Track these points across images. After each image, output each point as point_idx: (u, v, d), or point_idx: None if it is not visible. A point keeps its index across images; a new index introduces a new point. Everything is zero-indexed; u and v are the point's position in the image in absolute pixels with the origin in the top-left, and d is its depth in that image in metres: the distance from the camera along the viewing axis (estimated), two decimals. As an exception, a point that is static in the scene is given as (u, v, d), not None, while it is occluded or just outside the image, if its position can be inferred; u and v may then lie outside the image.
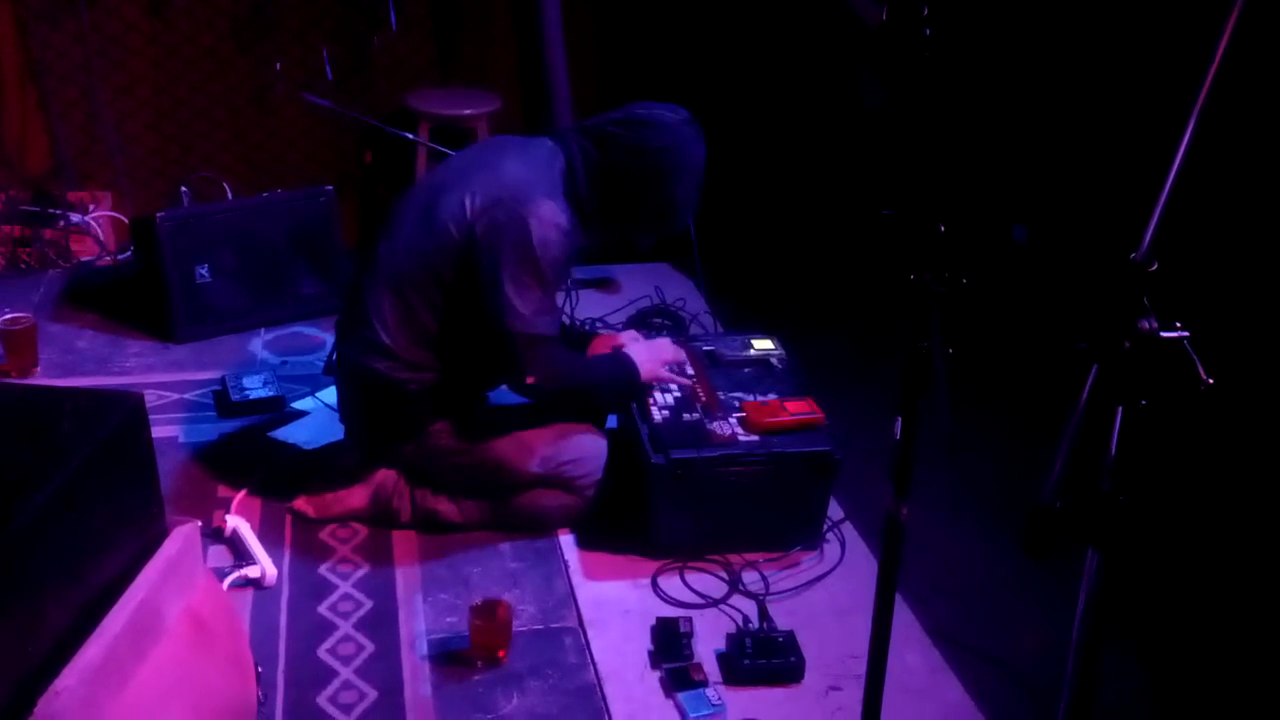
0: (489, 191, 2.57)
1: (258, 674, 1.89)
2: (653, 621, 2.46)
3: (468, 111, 4.22)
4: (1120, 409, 1.33)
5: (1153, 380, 1.31)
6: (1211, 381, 1.28)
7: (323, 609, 2.51)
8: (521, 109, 4.52)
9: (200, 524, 1.90)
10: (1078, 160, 3.50)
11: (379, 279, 2.65)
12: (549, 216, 2.54)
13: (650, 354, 2.81)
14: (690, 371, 2.89)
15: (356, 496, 2.77)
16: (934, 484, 2.05)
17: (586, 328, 3.44)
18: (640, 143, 2.59)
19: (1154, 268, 1.33)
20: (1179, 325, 1.31)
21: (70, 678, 1.51)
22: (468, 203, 2.57)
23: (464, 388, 2.74)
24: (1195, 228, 1.99)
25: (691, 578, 2.64)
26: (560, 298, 2.86)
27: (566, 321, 3.11)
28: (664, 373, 2.80)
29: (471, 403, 2.80)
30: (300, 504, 2.79)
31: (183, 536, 1.79)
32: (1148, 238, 1.34)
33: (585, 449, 2.74)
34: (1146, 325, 1.31)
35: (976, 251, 1.53)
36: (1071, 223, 3.45)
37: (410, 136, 3.78)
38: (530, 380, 2.61)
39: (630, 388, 2.76)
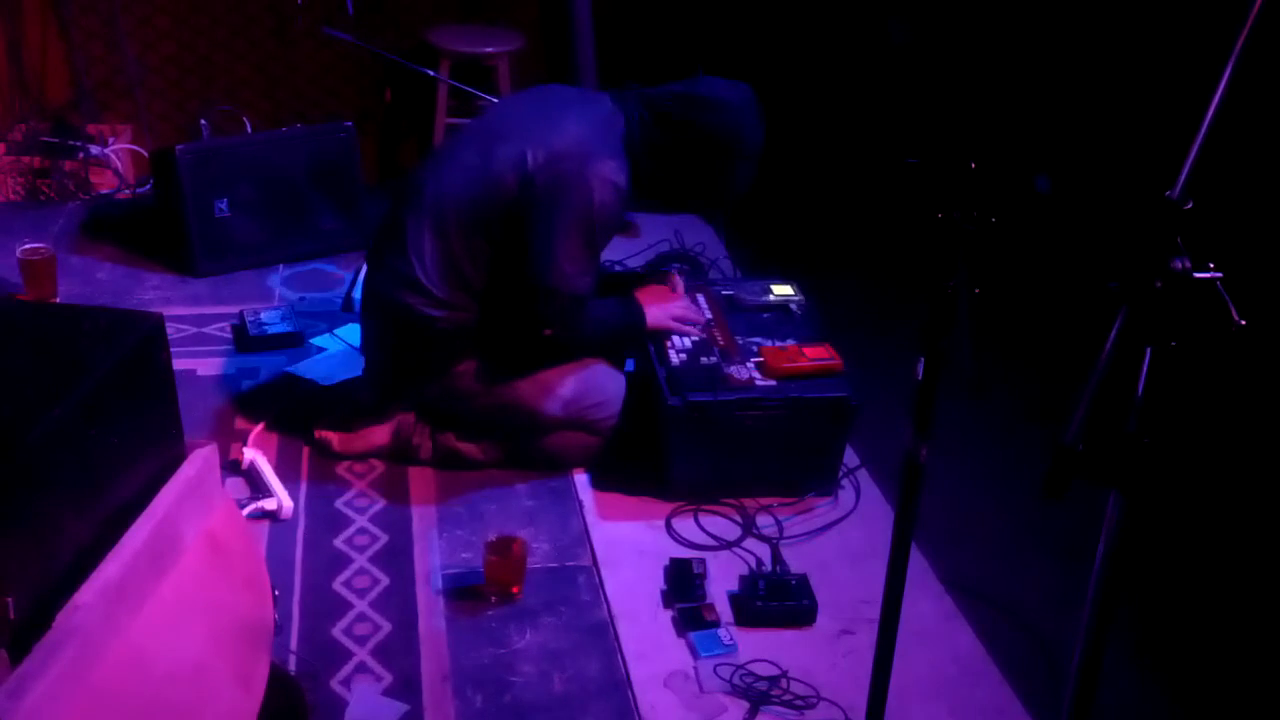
0: (553, 145, 2.55)
1: (275, 597, 1.90)
2: (666, 562, 2.47)
3: (489, 49, 4.17)
4: (1149, 350, 1.31)
5: (1184, 321, 1.29)
6: (1244, 323, 1.26)
7: (338, 542, 2.53)
8: (544, 48, 4.47)
9: (217, 448, 1.90)
10: (1102, 103, 3.44)
11: (423, 216, 2.62)
12: (610, 176, 2.53)
13: (662, 305, 2.79)
14: (709, 315, 2.88)
15: (379, 433, 2.78)
16: (953, 428, 2.03)
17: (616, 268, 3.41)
18: (702, 126, 2.58)
19: (1189, 206, 1.30)
20: (1212, 266, 1.29)
21: (89, 594, 1.52)
22: (530, 155, 2.54)
23: (495, 331, 2.72)
24: (1230, 167, 1.96)
25: (705, 520, 2.65)
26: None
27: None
28: (672, 324, 2.76)
29: (499, 345, 2.79)
30: (324, 434, 2.78)
31: (201, 459, 1.80)
32: (1183, 176, 1.31)
33: (607, 391, 2.74)
34: (1179, 265, 1.29)
35: (1002, 196, 1.51)
36: (1096, 168, 3.39)
37: (431, 74, 3.74)
38: (548, 333, 2.60)
39: (635, 336, 2.77)
